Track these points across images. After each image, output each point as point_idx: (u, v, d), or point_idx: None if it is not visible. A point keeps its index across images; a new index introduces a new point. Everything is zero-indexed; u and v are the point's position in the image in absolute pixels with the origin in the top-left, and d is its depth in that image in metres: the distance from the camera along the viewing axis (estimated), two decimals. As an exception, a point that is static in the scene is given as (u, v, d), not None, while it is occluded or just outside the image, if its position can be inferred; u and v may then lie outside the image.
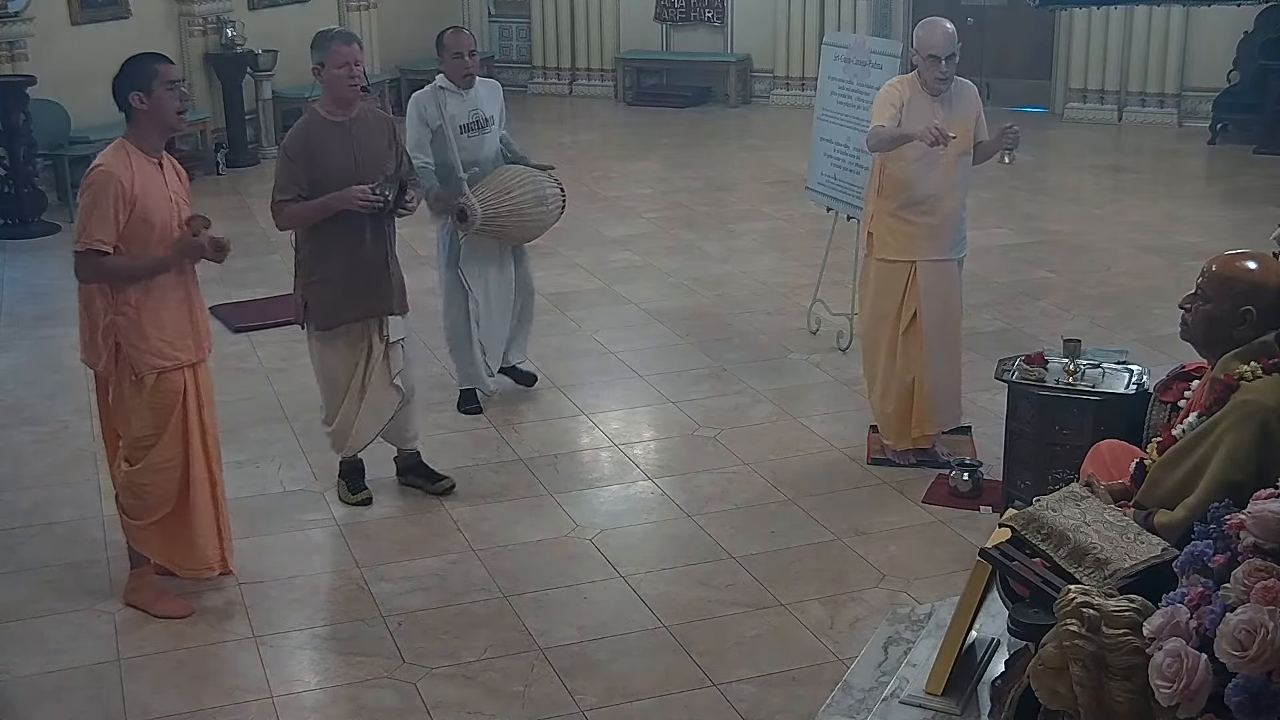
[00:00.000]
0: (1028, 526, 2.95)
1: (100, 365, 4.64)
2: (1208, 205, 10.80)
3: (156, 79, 4.51)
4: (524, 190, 6.24)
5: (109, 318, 4.56)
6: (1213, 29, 12.97)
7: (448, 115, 6.12)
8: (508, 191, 6.19)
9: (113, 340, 4.57)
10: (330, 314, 5.40)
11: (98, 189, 4.46)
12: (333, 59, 5.25)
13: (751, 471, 5.90)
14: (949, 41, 5.53)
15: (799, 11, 14.76)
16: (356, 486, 5.67)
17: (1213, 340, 3.32)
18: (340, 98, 5.32)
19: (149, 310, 4.57)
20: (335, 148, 5.28)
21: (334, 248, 5.33)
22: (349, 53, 5.27)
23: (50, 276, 8.68)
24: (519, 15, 16.34)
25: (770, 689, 4.31)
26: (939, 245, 5.72)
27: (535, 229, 6.43)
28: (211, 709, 4.27)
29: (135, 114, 4.54)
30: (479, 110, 6.28)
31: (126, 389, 4.63)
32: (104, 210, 4.44)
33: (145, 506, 4.75)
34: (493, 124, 6.35)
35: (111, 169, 4.46)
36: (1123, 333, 7.50)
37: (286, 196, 5.27)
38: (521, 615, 4.77)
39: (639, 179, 11.85)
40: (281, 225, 5.43)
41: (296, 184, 5.25)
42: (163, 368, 4.62)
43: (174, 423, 4.69)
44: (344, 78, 5.27)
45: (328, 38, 5.34)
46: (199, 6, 12.22)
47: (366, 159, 5.33)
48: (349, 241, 5.33)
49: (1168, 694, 2.29)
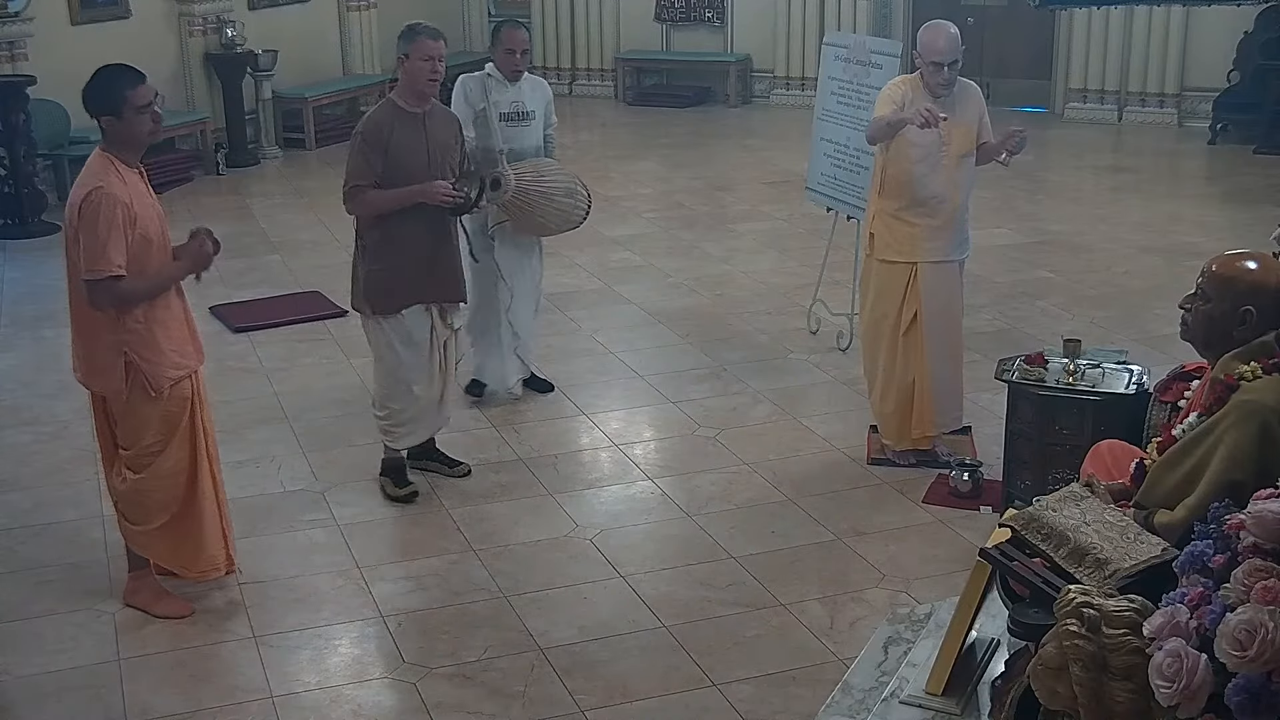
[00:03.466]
0: (1028, 526, 2.95)
1: (110, 385, 4.54)
2: (1208, 205, 10.80)
3: (126, 105, 4.40)
4: (557, 179, 6.39)
5: (117, 335, 4.47)
6: (1213, 29, 12.98)
7: (491, 100, 6.27)
8: (542, 175, 6.33)
9: (123, 357, 4.49)
10: (398, 296, 5.50)
11: (107, 213, 4.33)
12: (417, 51, 5.39)
13: (751, 471, 5.90)
14: (952, 47, 5.52)
15: (799, 11, 14.77)
16: (402, 481, 5.71)
17: (1213, 340, 3.32)
18: (419, 91, 5.46)
19: (157, 322, 4.53)
20: (410, 139, 5.43)
21: (405, 236, 5.45)
22: (434, 48, 5.41)
23: (50, 276, 8.66)
24: (519, 15, 16.33)
25: (770, 689, 4.31)
26: (941, 246, 5.72)
27: (559, 220, 6.47)
28: (211, 709, 4.27)
29: (107, 132, 4.46)
30: (521, 102, 6.40)
31: (139, 403, 4.56)
32: (117, 234, 4.34)
33: (149, 513, 4.73)
34: (533, 118, 6.46)
35: (110, 190, 4.34)
36: (1123, 333, 7.50)
37: (363, 183, 5.39)
38: (521, 615, 4.77)
39: (639, 179, 11.86)
40: (354, 210, 5.51)
41: (373, 170, 5.38)
42: (177, 378, 4.60)
43: (182, 429, 4.68)
44: (426, 71, 5.41)
45: (416, 31, 5.46)
46: (199, 6, 12.22)
47: (438, 151, 5.51)
48: (420, 231, 5.46)
49: (1168, 694, 2.29)
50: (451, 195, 5.43)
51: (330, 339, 7.64)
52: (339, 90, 13.73)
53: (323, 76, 13.79)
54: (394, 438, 5.71)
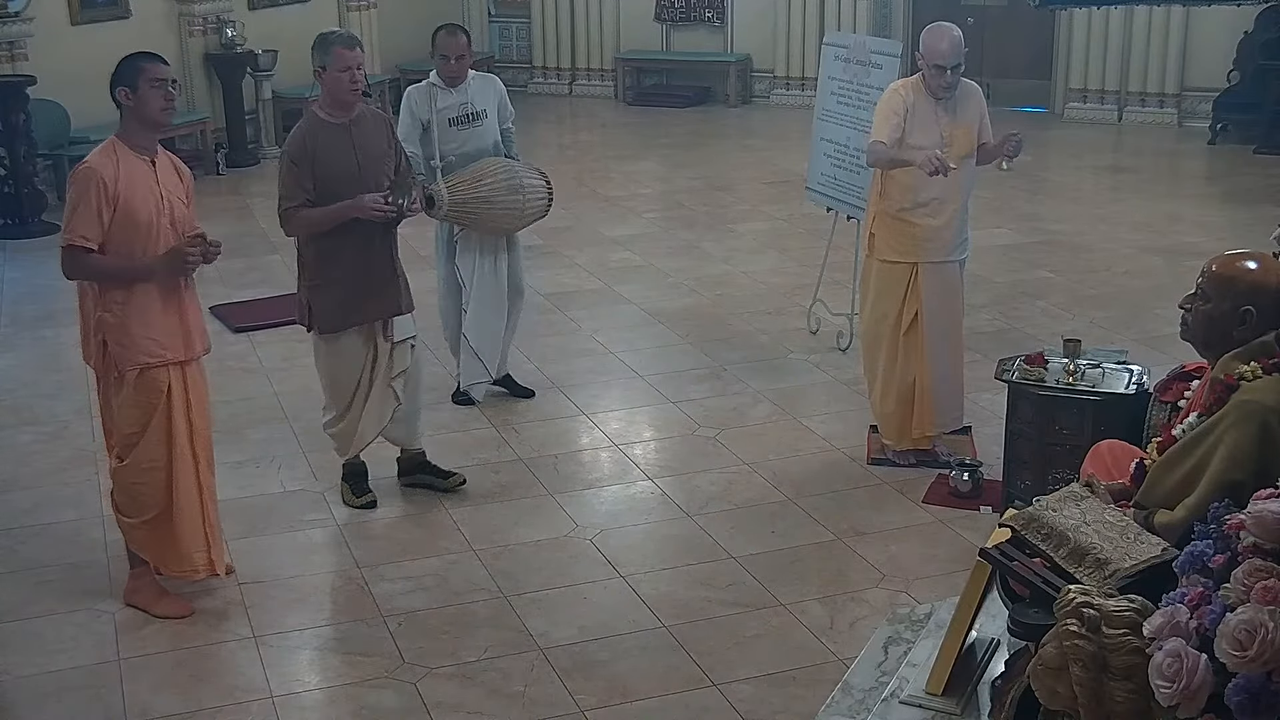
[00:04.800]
0: (1028, 526, 2.94)
1: (92, 361, 4.69)
2: (1208, 205, 10.80)
3: (142, 75, 4.54)
4: (497, 179, 6.20)
5: (97, 314, 4.59)
6: (1213, 29, 12.98)
7: (436, 110, 6.21)
8: (479, 180, 6.18)
9: (100, 336, 4.60)
10: (336, 317, 5.38)
11: (81, 186, 4.51)
12: (335, 62, 5.23)
13: (751, 471, 5.90)
14: (955, 51, 5.50)
15: (799, 11, 14.77)
16: (361, 490, 5.65)
17: (1213, 340, 3.32)
18: (341, 101, 5.31)
19: (135, 308, 4.58)
20: (337, 150, 5.28)
21: (339, 251, 5.32)
22: (351, 57, 5.25)
23: (50, 276, 8.61)
24: (519, 15, 16.35)
25: (770, 689, 4.31)
26: (941, 247, 5.72)
27: (510, 219, 6.33)
28: (211, 709, 4.27)
29: (124, 110, 4.60)
30: (469, 104, 6.32)
31: (111, 385, 4.66)
32: (88, 207, 4.48)
33: (137, 505, 4.76)
34: (485, 117, 6.36)
35: (95, 166, 4.50)
36: (1123, 333, 7.50)
37: (295, 203, 5.26)
38: (521, 615, 4.77)
39: (639, 179, 11.86)
40: (290, 232, 5.42)
41: (303, 189, 5.24)
42: (145, 364, 4.61)
43: (157, 421, 4.67)
44: (345, 81, 5.26)
45: (330, 41, 5.31)
46: (199, 6, 12.23)
47: (369, 160, 5.33)
48: (355, 246, 5.32)
49: (1168, 694, 2.29)
50: (382, 209, 5.22)
51: (330, 339, 7.63)
52: (339, 90, 13.70)
53: (323, 76, 13.77)
54: (339, 447, 5.64)
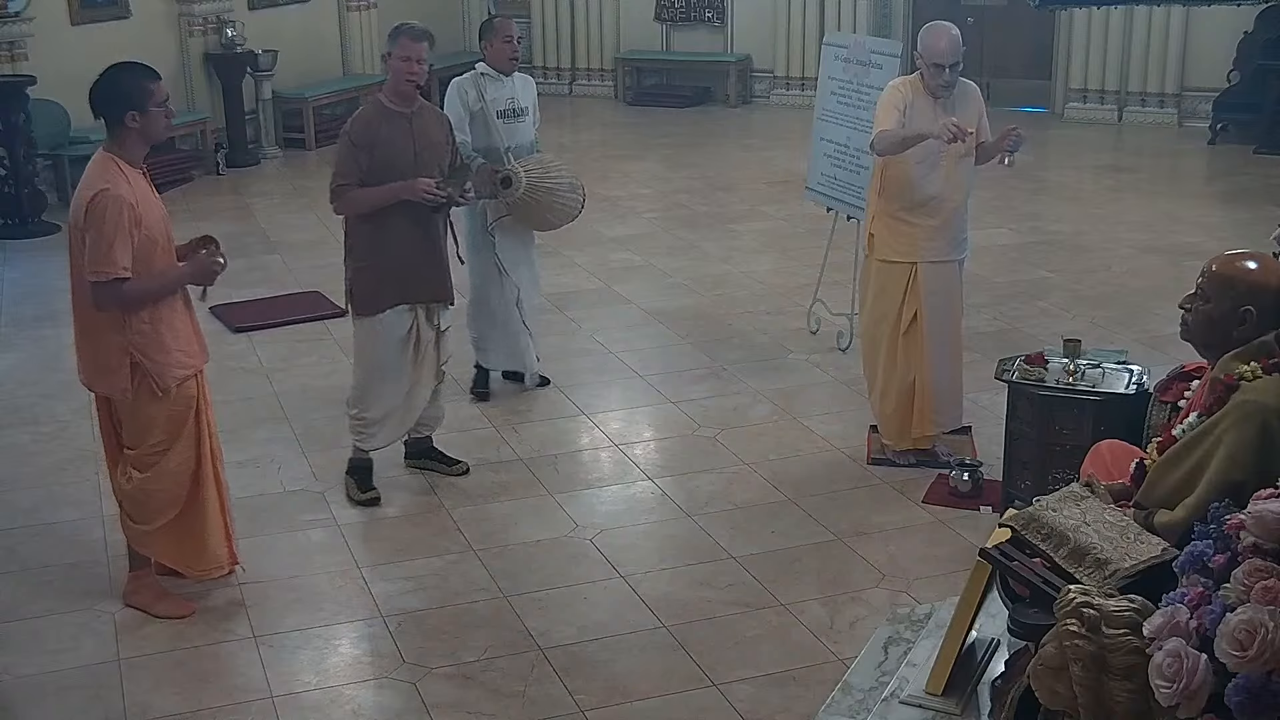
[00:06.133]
0: (1028, 526, 2.94)
1: (115, 386, 4.54)
2: (1208, 205, 10.80)
3: (151, 99, 4.45)
4: (561, 174, 6.45)
5: (124, 336, 4.48)
6: (1213, 29, 12.98)
7: (487, 99, 6.29)
8: (548, 171, 6.38)
9: (129, 358, 4.49)
10: (376, 297, 5.50)
11: (113, 214, 4.34)
12: (399, 50, 5.43)
13: (751, 471, 5.90)
14: (954, 50, 5.51)
15: (799, 11, 14.77)
16: (366, 485, 5.68)
17: (1213, 340, 3.32)
18: (400, 90, 5.48)
19: (164, 322, 4.54)
20: (398, 138, 5.44)
21: (387, 233, 5.44)
22: (414, 49, 5.44)
23: (50, 276, 8.67)
24: (519, 15, 16.28)
25: (770, 689, 4.31)
26: (941, 247, 5.72)
27: (561, 215, 6.55)
28: (211, 709, 4.27)
29: (124, 130, 4.46)
30: (515, 99, 6.43)
31: (145, 403, 4.57)
32: (124, 236, 4.35)
33: (153, 512, 4.73)
34: (527, 114, 6.51)
35: (118, 193, 4.36)
36: (1123, 333, 7.50)
37: (348, 181, 5.41)
38: (521, 615, 4.77)
39: (639, 179, 11.85)
40: (340, 210, 5.53)
41: (359, 169, 5.39)
42: (184, 377, 4.61)
43: (188, 429, 4.68)
44: (403, 71, 5.44)
45: (401, 30, 5.50)
46: (199, 6, 12.22)
47: (426, 149, 5.51)
48: (403, 229, 5.45)
49: (1168, 694, 2.29)
50: (434, 192, 5.40)
51: (330, 339, 7.64)
52: (339, 90, 13.71)
53: (323, 76, 13.79)
54: (364, 438, 5.68)
